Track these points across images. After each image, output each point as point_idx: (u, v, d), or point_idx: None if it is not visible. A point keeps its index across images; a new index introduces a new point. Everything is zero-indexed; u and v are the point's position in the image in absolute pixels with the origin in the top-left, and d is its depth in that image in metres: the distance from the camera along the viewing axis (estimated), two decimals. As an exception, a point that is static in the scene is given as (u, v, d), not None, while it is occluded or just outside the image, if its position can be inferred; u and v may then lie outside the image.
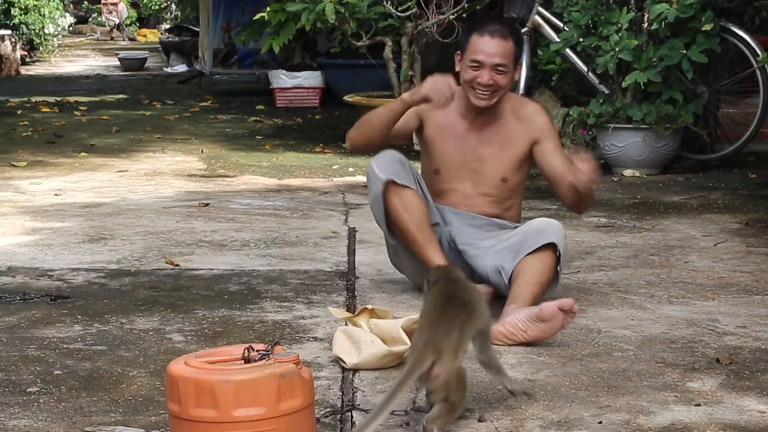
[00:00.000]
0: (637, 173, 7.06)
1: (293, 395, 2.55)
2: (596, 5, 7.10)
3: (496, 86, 4.01)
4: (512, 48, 4.02)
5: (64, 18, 21.29)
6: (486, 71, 4.00)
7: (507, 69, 4.01)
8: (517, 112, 4.13)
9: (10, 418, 3.01)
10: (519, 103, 4.20)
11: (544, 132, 4.11)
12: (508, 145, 4.11)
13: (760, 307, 4.10)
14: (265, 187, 6.71)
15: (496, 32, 4.01)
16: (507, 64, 4.01)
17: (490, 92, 4.02)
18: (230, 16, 12.84)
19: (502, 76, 4.01)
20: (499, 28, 4.04)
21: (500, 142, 4.11)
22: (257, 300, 4.19)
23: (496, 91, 4.03)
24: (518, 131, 4.11)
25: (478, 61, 4.01)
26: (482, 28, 4.04)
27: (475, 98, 4.04)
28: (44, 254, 4.88)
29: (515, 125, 4.12)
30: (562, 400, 3.15)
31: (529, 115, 4.12)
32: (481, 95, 4.02)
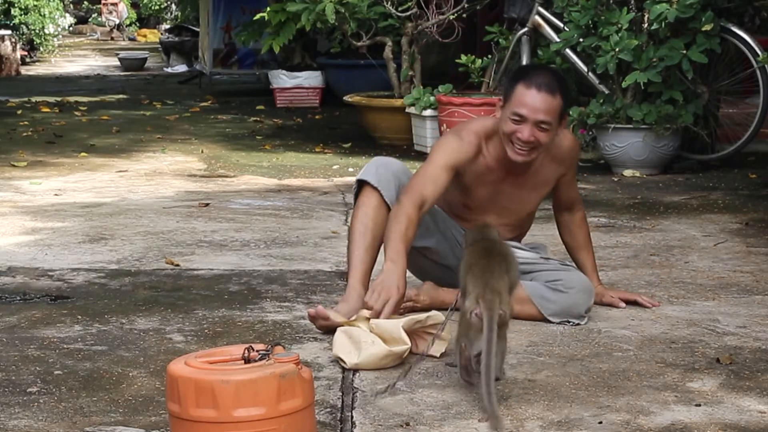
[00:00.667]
0: (637, 173, 7.07)
1: (293, 395, 2.55)
2: (596, 5, 7.10)
3: (537, 143, 3.75)
4: (559, 104, 3.75)
5: (64, 18, 21.31)
6: (528, 127, 3.73)
7: (550, 127, 3.74)
8: (553, 153, 3.92)
9: (10, 418, 3.01)
10: (555, 142, 3.90)
11: (571, 167, 4.04)
12: (541, 186, 3.99)
13: (760, 307, 4.10)
14: (265, 187, 6.72)
15: (544, 86, 3.72)
16: (551, 122, 3.74)
17: (529, 149, 3.76)
18: (230, 16, 12.84)
19: (544, 133, 3.74)
20: (548, 81, 3.74)
21: (535, 185, 3.97)
22: (257, 300, 4.19)
23: (536, 148, 3.77)
24: (552, 171, 3.96)
25: (520, 115, 3.72)
26: (530, 79, 3.75)
27: (512, 153, 3.78)
28: (44, 254, 4.88)
29: (551, 166, 3.95)
30: (562, 400, 3.15)
31: (565, 155, 3.96)
32: (520, 151, 3.77)
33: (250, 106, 11.31)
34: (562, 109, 3.79)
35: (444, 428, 2.95)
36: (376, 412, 3.05)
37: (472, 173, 3.88)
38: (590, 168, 7.37)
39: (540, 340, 3.70)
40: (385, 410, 3.06)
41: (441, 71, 9.44)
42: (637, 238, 5.27)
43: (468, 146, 3.84)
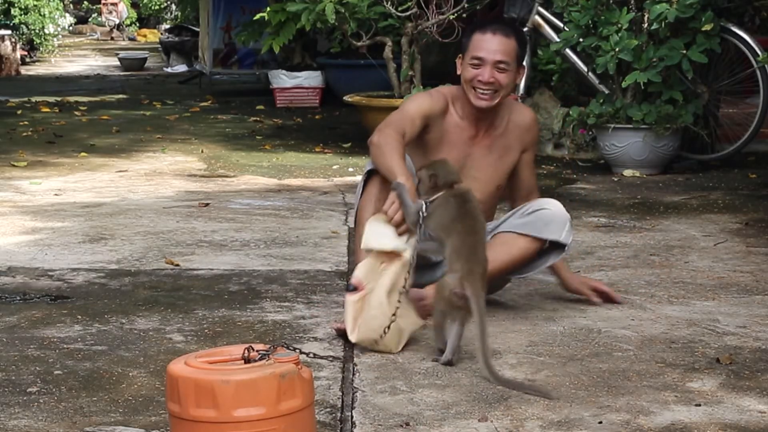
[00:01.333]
0: (637, 173, 7.07)
1: (293, 395, 2.55)
2: (596, 5, 7.10)
3: (498, 85, 3.90)
4: (515, 47, 3.91)
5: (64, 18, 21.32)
6: (487, 68, 3.89)
7: (509, 67, 3.90)
8: (517, 120, 4.05)
9: (10, 418, 3.01)
10: (518, 110, 4.10)
11: (533, 144, 4.11)
12: (506, 154, 4.04)
13: (760, 307, 4.10)
14: (265, 187, 6.72)
15: (498, 30, 3.92)
16: (509, 62, 3.90)
17: (492, 91, 3.90)
18: (230, 16, 12.84)
19: (503, 74, 3.90)
20: (501, 26, 3.95)
21: (499, 151, 4.03)
22: (257, 300, 4.19)
23: (497, 91, 3.91)
24: (515, 140, 4.05)
25: (479, 58, 3.90)
26: (484, 26, 3.96)
27: (475, 98, 3.92)
28: (44, 254, 4.88)
29: (514, 134, 4.05)
30: (562, 400, 3.15)
31: (527, 126, 4.07)
32: (482, 95, 3.91)
33: (250, 106, 11.31)
34: (519, 52, 3.92)
35: (444, 428, 2.95)
36: (376, 412, 3.05)
37: (440, 131, 3.95)
38: (590, 168, 7.37)
39: (540, 340, 3.70)
40: (385, 410, 3.07)
41: (441, 71, 9.43)
42: (637, 238, 5.27)
43: (437, 101, 3.96)
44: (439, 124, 3.96)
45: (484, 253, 3.45)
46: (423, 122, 3.91)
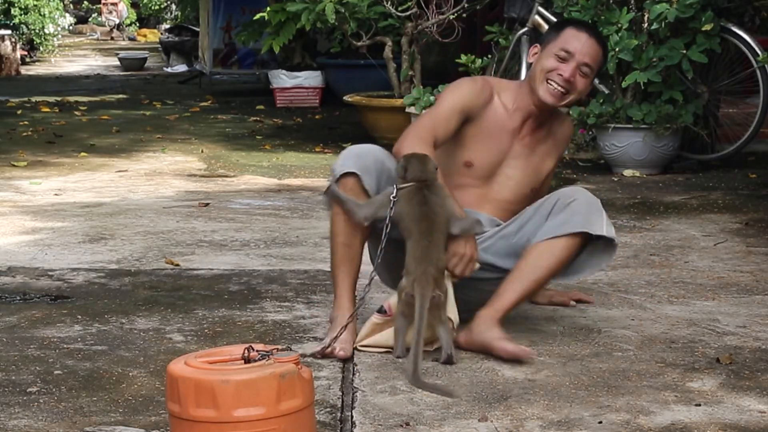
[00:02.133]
0: (637, 173, 7.07)
1: (293, 395, 2.55)
2: (596, 5, 7.10)
3: (573, 87, 3.66)
4: (601, 58, 3.71)
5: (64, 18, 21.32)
6: (572, 65, 3.64)
7: (591, 74, 3.68)
8: (558, 130, 3.84)
9: (10, 418, 3.01)
10: (560, 119, 3.86)
11: (561, 156, 3.95)
12: (545, 159, 3.81)
13: (760, 307, 4.10)
14: (265, 187, 6.72)
15: (594, 35, 3.71)
16: (594, 69, 3.68)
17: (564, 91, 3.66)
18: (230, 16, 12.85)
19: (583, 79, 3.67)
20: (597, 32, 3.76)
21: (540, 154, 3.79)
22: (257, 300, 4.19)
23: (568, 93, 3.67)
24: (554, 148, 3.83)
25: (568, 51, 3.64)
26: (581, 25, 3.76)
27: (545, 91, 3.65)
28: (44, 254, 4.88)
29: (553, 142, 3.82)
30: (562, 400, 3.15)
31: (566, 138, 3.89)
32: (554, 90, 3.65)
33: (250, 106, 11.31)
34: (600, 66, 3.74)
35: (444, 428, 2.95)
36: (376, 412, 3.05)
37: (483, 121, 3.69)
38: (590, 168, 7.37)
39: (540, 340, 3.70)
40: (385, 410, 3.07)
41: (441, 71, 9.44)
42: (637, 238, 5.27)
43: (481, 89, 3.70)
44: (480, 115, 3.70)
45: (438, 254, 3.41)
46: (461, 117, 3.66)
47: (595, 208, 3.58)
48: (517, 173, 3.76)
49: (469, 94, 3.69)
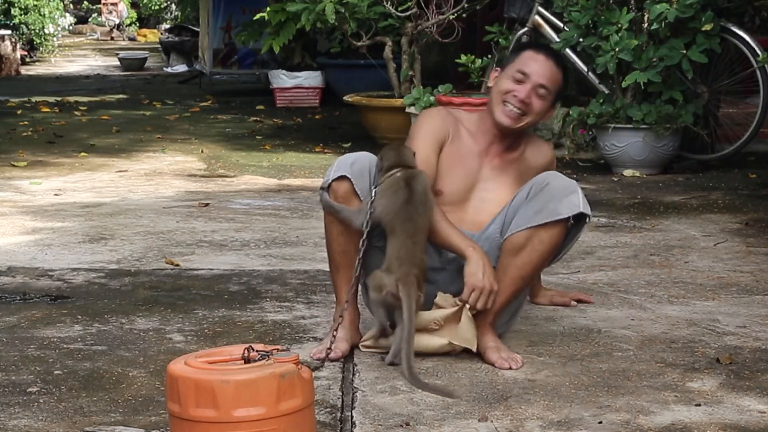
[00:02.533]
0: (637, 173, 7.07)
1: (293, 395, 2.55)
2: (596, 5, 7.10)
3: (530, 109, 3.60)
4: (560, 81, 3.68)
5: (64, 18, 21.33)
6: (528, 87, 3.60)
7: (548, 96, 3.64)
8: (536, 156, 3.73)
9: (10, 418, 3.01)
10: (536, 145, 3.78)
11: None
12: (521, 181, 3.66)
13: (760, 307, 4.10)
14: (265, 187, 6.72)
15: (552, 57, 3.68)
16: (551, 91, 3.64)
17: (520, 113, 3.60)
18: (230, 16, 12.85)
19: (540, 101, 3.62)
20: (555, 56, 3.73)
21: (514, 177, 3.68)
22: (257, 300, 4.19)
23: (526, 115, 3.61)
24: (533, 172, 3.67)
25: (524, 73, 3.61)
26: (538, 48, 3.73)
27: (501, 113, 3.61)
28: (44, 254, 4.88)
29: (532, 165, 3.70)
30: (562, 400, 3.15)
31: (546, 164, 3.73)
32: (510, 112, 3.60)
33: (250, 106, 11.31)
34: (560, 89, 3.69)
35: (444, 428, 2.95)
36: (376, 412, 3.05)
37: (449, 149, 3.65)
38: (590, 168, 7.37)
39: (540, 340, 3.70)
40: (385, 410, 3.07)
41: (441, 71, 9.44)
42: (637, 238, 5.27)
43: (445, 118, 3.69)
44: (450, 141, 3.68)
45: (422, 255, 3.41)
46: (438, 152, 3.64)
47: (570, 190, 3.49)
48: (491, 195, 3.67)
49: (439, 125, 3.67)
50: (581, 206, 3.45)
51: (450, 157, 3.65)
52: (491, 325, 3.53)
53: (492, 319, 3.52)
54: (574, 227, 3.49)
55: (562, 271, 4.58)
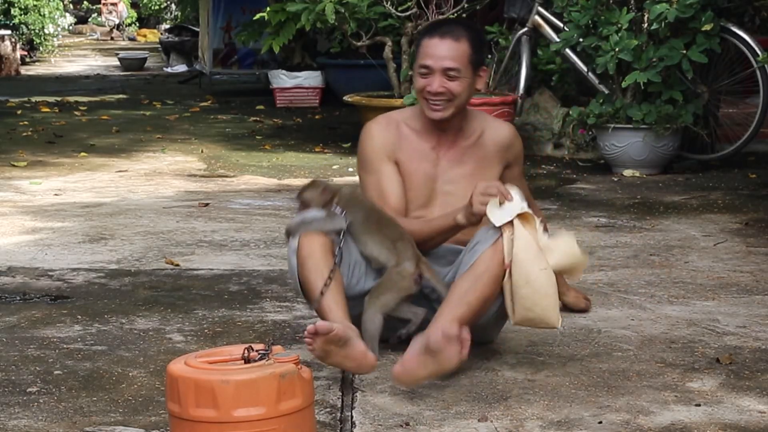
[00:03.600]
0: (637, 173, 7.07)
1: (293, 395, 2.55)
2: (596, 5, 7.10)
3: (449, 94, 3.50)
4: (467, 50, 3.50)
5: (64, 18, 21.32)
6: (436, 77, 3.50)
7: (460, 74, 3.49)
8: (494, 137, 3.65)
9: (10, 418, 3.01)
10: (495, 126, 3.70)
11: (516, 159, 3.71)
12: (483, 166, 3.61)
13: (760, 307, 4.10)
14: (265, 187, 6.72)
15: (447, 33, 3.50)
16: (459, 69, 3.49)
17: (444, 101, 3.51)
18: (230, 16, 12.84)
19: (455, 82, 3.49)
20: (451, 28, 3.52)
21: (473, 164, 3.61)
22: (257, 300, 4.19)
23: (451, 101, 3.51)
24: (494, 156, 3.64)
25: (426, 66, 3.51)
26: (432, 30, 3.55)
27: (428, 109, 3.54)
28: (44, 254, 4.88)
29: (492, 148, 3.64)
30: (562, 400, 3.15)
31: (506, 143, 3.66)
32: (435, 105, 3.52)
33: (250, 106, 11.31)
34: (472, 56, 3.51)
35: (444, 428, 2.95)
36: (375, 412, 3.05)
37: (401, 154, 3.60)
38: (590, 168, 7.37)
39: (540, 340, 3.70)
40: (385, 410, 3.07)
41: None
42: (637, 238, 5.27)
43: (387, 127, 3.63)
44: (401, 148, 3.62)
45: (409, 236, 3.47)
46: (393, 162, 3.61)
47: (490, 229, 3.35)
48: (455, 187, 3.60)
49: (380, 141, 3.62)
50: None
51: (403, 163, 3.60)
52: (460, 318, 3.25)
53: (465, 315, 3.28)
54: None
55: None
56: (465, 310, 3.27)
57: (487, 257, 3.31)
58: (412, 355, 3.13)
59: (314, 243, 3.42)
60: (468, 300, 3.29)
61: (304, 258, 3.42)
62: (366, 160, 3.64)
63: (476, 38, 3.55)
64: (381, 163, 3.61)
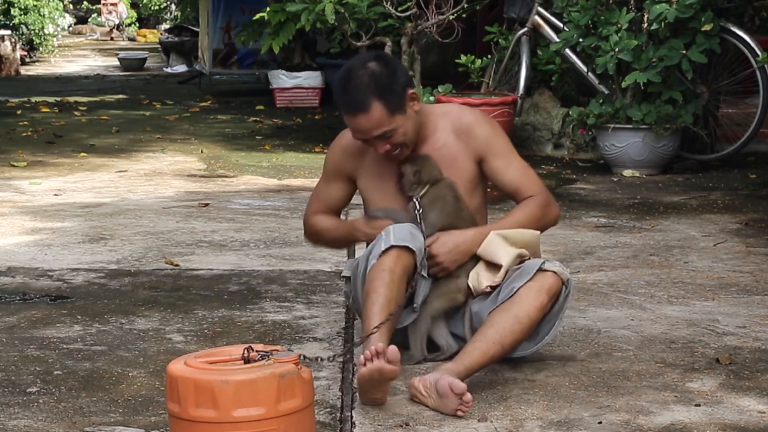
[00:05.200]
0: (637, 173, 7.07)
1: (293, 395, 2.55)
2: (596, 5, 7.10)
3: (396, 145, 3.41)
4: (381, 111, 3.35)
5: (63, 18, 21.32)
6: (376, 143, 3.41)
7: (392, 131, 3.37)
8: (456, 127, 3.51)
9: (10, 418, 3.01)
10: (457, 115, 3.54)
11: (487, 147, 3.49)
12: (454, 167, 3.48)
13: (760, 307, 4.10)
14: (265, 187, 6.72)
15: (355, 109, 3.37)
16: (387, 130, 3.37)
17: (398, 150, 3.43)
18: (230, 16, 12.84)
19: (393, 137, 3.39)
20: (356, 99, 3.36)
21: (444, 165, 3.48)
22: (257, 300, 4.19)
23: (402, 143, 3.41)
24: (461, 150, 3.49)
25: (361, 140, 3.45)
26: (341, 106, 3.44)
27: (390, 158, 3.47)
28: (44, 254, 4.88)
29: (456, 144, 3.49)
30: (562, 400, 3.15)
31: (467, 129, 3.50)
32: (392, 155, 3.45)
33: (250, 106, 11.31)
34: (390, 108, 3.36)
35: (444, 428, 2.95)
36: (375, 412, 3.05)
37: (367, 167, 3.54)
38: (590, 168, 7.38)
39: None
40: (385, 410, 3.06)
41: (441, 71, 9.43)
42: (637, 238, 5.27)
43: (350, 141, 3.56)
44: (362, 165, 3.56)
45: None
46: (341, 180, 3.61)
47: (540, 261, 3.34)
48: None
49: (338, 160, 3.61)
50: (557, 267, 3.32)
51: (374, 177, 3.55)
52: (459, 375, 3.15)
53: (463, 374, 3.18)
54: (557, 303, 3.33)
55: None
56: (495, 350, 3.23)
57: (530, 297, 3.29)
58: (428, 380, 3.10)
59: (398, 262, 3.30)
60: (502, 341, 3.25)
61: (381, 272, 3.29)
62: (325, 165, 3.68)
63: (383, 87, 3.36)
64: (334, 177, 3.64)
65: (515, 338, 3.25)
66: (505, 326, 3.24)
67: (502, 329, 3.24)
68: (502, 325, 3.25)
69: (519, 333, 3.25)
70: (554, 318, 3.35)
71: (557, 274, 3.31)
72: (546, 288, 3.29)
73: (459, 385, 3.02)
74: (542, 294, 3.29)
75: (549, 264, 3.32)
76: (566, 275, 3.33)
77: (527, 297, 3.27)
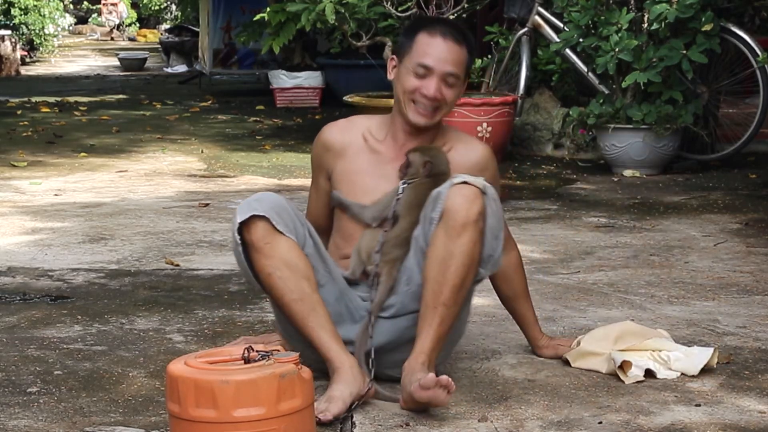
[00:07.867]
0: (637, 173, 7.07)
1: (293, 395, 2.55)
2: (596, 5, 7.10)
3: (442, 101, 3.24)
4: (466, 57, 3.25)
5: (64, 18, 21.34)
6: (434, 81, 3.21)
7: (458, 82, 3.25)
8: (466, 154, 3.32)
9: (10, 418, 3.01)
10: (467, 143, 3.39)
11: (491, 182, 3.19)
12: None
13: (760, 307, 4.10)
14: (265, 188, 6.71)
15: (450, 35, 3.22)
16: (459, 76, 3.24)
17: (433, 109, 3.25)
18: (230, 16, 12.85)
19: (451, 90, 3.24)
20: (453, 30, 3.24)
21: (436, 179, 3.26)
22: (257, 300, 4.19)
23: (440, 108, 3.25)
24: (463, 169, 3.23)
25: (426, 66, 3.21)
26: (433, 28, 3.24)
27: (414, 113, 3.25)
28: (44, 254, 4.88)
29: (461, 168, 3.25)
30: (562, 400, 3.15)
31: (482, 164, 3.32)
32: (423, 111, 3.25)
33: (250, 106, 11.31)
34: (468, 64, 3.28)
35: (444, 428, 2.95)
36: (375, 412, 3.05)
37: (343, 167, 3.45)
38: (590, 168, 7.37)
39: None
40: (385, 410, 3.06)
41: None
42: (637, 238, 5.27)
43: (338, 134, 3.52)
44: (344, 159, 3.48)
45: None
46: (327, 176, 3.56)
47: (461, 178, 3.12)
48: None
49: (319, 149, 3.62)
50: (464, 177, 3.09)
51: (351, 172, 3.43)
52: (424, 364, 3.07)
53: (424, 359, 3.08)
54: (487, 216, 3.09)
55: (562, 272, 4.58)
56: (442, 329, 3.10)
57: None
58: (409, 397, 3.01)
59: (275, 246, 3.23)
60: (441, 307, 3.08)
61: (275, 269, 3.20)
62: (311, 163, 3.62)
63: (472, 46, 3.31)
64: (316, 173, 3.62)
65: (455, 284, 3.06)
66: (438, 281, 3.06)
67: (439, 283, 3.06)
68: (436, 281, 3.06)
69: (458, 276, 3.06)
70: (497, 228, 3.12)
71: (469, 184, 3.07)
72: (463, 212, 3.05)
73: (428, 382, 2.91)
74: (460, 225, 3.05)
75: (457, 179, 3.09)
76: (480, 183, 3.09)
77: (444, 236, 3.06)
